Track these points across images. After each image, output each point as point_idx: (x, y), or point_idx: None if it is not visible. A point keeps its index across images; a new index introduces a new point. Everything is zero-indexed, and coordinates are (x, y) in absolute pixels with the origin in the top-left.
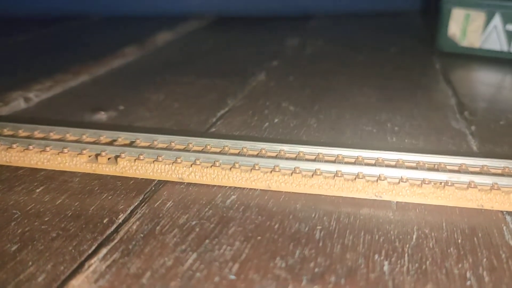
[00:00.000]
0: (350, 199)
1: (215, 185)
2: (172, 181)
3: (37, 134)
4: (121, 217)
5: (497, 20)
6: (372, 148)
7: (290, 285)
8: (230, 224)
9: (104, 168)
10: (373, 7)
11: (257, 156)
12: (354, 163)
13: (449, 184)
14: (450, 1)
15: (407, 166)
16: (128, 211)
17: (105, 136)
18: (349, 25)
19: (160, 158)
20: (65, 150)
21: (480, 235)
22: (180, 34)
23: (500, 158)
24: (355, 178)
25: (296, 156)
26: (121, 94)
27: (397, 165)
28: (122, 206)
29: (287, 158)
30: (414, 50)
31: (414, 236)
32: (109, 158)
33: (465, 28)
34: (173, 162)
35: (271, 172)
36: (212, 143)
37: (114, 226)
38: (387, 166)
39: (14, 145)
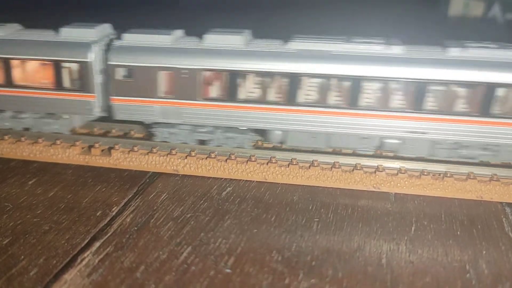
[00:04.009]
0: (348, 191)
1: (211, 177)
2: (167, 173)
3: None
4: (115, 209)
5: (496, 9)
6: None
7: (287, 278)
8: (226, 216)
9: (97, 159)
10: None
11: (253, 147)
12: (351, 154)
13: (448, 175)
14: None
15: (406, 157)
16: (122, 204)
17: (99, 127)
18: None
19: (154, 150)
20: (58, 142)
21: (479, 226)
22: None
23: None
24: (353, 169)
25: (292, 147)
26: None
27: (395, 156)
28: (116, 199)
29: (283, 149)
30: None
31: (413, 228)
32: (102, 150)
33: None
34: (167, 154)
35: (267, 163)
36: None
37: (108, 219)
38: (385, 157)
39: (6, 137)
